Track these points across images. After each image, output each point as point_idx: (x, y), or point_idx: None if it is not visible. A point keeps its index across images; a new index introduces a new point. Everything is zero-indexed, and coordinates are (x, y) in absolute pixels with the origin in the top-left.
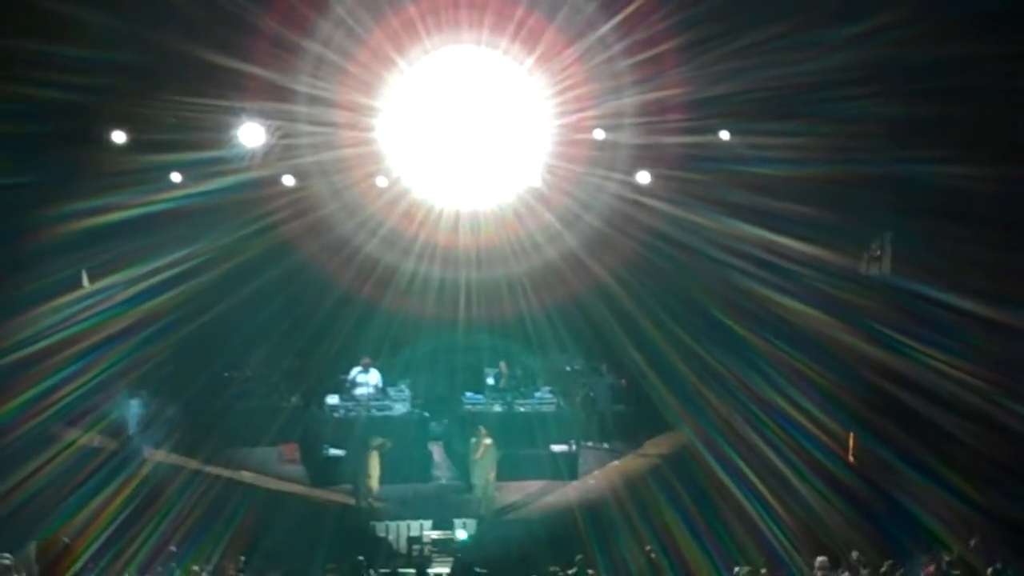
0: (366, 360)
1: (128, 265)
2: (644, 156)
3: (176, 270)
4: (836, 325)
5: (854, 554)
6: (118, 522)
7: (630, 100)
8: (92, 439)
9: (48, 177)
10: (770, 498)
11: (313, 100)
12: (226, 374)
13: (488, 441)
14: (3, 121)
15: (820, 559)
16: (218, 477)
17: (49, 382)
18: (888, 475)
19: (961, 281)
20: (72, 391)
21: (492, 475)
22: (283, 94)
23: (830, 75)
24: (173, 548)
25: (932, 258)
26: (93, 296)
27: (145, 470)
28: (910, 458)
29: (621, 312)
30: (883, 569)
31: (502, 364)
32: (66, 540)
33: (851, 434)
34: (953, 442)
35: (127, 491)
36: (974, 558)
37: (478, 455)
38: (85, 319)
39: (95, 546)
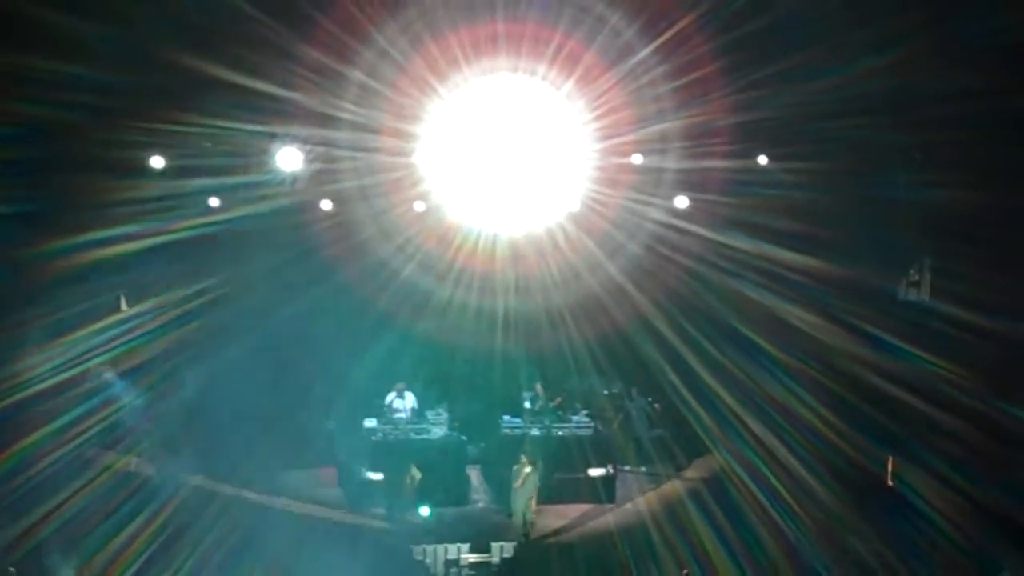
0: (400, 386)
1: (165, 289)
2: (682, 181)
3: (212, 295)
4: (875, 350)
5: None
6: (154, 547)
7: (668, 125)
8: (128, 463)
9: (86, 202)
10: (809, 523)
11: (352, 126)
12: (263, 398)
13: (528, 469)
14: (43, 145)
15: None
16: (254, 502)
17: (86, 406)
18: (928, 501)
19: (999, 306)
20: (108, 415)
21: (532, 502)
22: (322, 120)
23: (869, 101)
24: None
25: (970, 283)
26: (131, 320)
27: (181, 495)
28: (952, 484)
29: (658, 336)
30: None
31: (538, 386)
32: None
33: (890, 458)
34: (992, 464)
35: (163, 516)
36: None
37: (518, 483)
38: (122, 343)
39: (132, 571)
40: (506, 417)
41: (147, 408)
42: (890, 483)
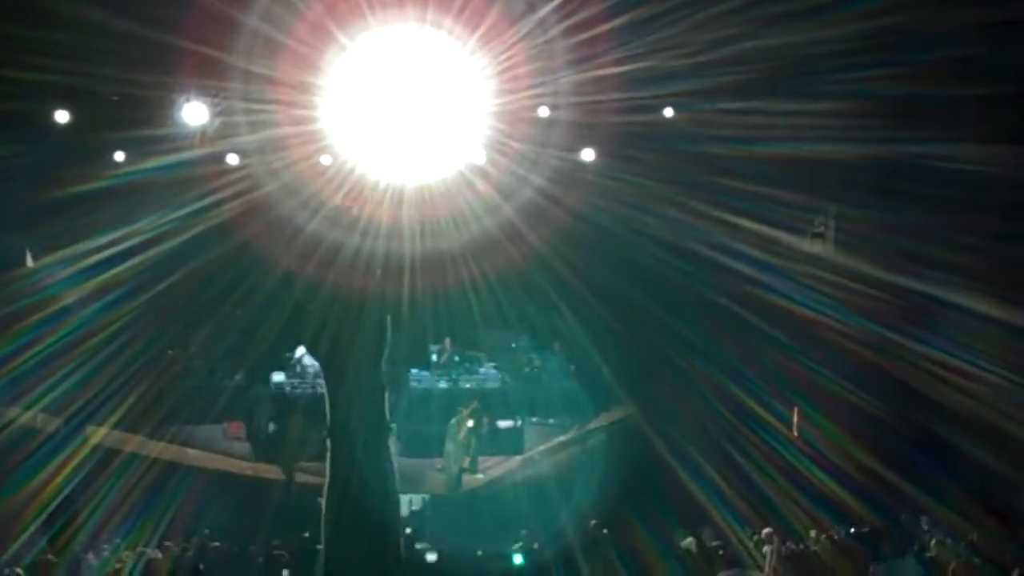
0: None
1: (71, 243)
2: (589, 134)
3: (119, 248)
4: (780, 302)
5: (811, 533)
6: (59, 501)
7: (574, 78)
8: (34, 418)
9: None
10: (715, 476)
11: (253, 78)
12: (170, 352)
13: (470, 423)
14: None
15: (765, 531)
16: (160, 455)
17: None
18: (831, 450)
19: (905, 259)
20: (12, 369)
21: (467, 459)
22: (224, 72)
23: (775, 52)
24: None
25: (876, 236)
26: (36, 274)
27: (87, 449)
28: (857, 436)
29: (565, 289)
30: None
31: (446, 341)
32: None
33: (795, 408)
34: (898, 424)
35: (68, 470)
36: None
37: (460, 436)
38: (27, 296)
39: (34, 526)
40: (413, 371)
41: (52, 361)
42: (795, 433)
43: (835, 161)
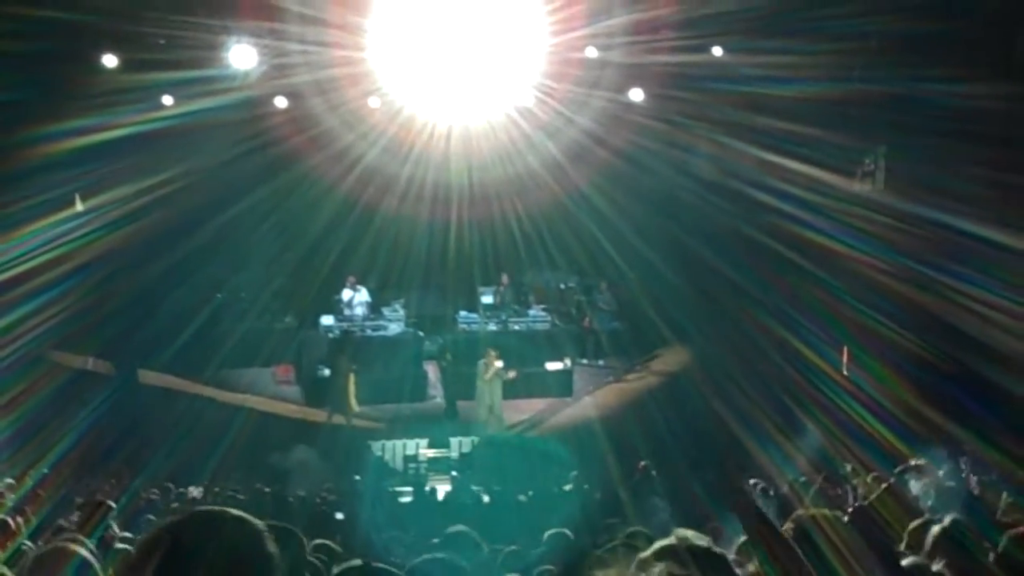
0: (352, 279)
1: (120, 184)
2: (638, 74)
3: (168, 189)
4: (829, 242)
5: (848, 467)
6: (108, 443)
7: (623, 19)
8: (86, 361)
9: (40, 96)
10: (764, 418)
11: (303, 19)
12: (219, 295)
13: (499, 363)
14: None
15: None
16: (211, 399)
17: (38, 301)
18: (879, 392)
19: (954, 198)
20: (62, 311)
21: (499, 397)
22: (273, 13)
23: None
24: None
25: (926, 175)
26: (85, 215)
27: (137, 392)
28: (904, 370)
29: (614, 231)
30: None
31: (504, 277)
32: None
33: (845, 348)
34: (946, 364)
35: (117, 414)
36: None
37: (487, 376)
38: (77, 237)
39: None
40: (463, 312)
41: (103, 304)
42: (844, 373)
43: (884, 101)
